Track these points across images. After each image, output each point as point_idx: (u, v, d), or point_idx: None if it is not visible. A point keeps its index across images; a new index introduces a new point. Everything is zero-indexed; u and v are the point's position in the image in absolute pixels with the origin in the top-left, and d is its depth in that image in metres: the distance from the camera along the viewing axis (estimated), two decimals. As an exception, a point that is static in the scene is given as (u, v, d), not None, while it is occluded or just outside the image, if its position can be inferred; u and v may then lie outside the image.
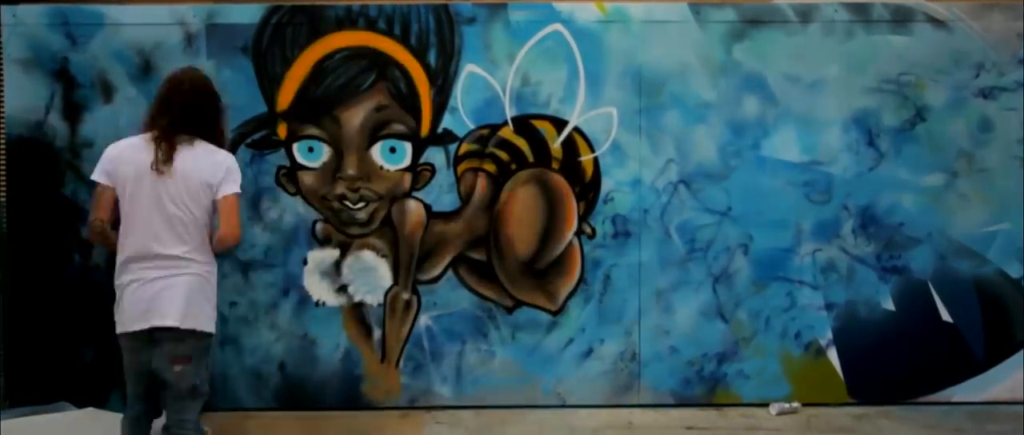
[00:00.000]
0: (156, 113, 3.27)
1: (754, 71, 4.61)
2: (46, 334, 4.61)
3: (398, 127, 4.57)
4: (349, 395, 4.69)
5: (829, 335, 4.70)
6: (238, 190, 3.28)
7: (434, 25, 4.53)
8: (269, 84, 4.54)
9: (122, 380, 4.62)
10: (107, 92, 4.55)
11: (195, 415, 3.26)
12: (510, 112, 4.60)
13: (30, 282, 4.60)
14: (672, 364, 4.71)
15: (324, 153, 4.58)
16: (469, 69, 4.56)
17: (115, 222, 3.30)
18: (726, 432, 4.38)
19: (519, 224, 4.64)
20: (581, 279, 4.67)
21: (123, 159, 3.23)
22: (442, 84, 4.56)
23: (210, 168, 3.22)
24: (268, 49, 4.53)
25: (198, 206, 3.19)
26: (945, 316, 4.70)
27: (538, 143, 4.61)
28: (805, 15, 4.61)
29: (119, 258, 3.23)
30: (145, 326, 3.15)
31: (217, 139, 3.34)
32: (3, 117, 4.60)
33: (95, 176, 3.26)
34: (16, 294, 4.60)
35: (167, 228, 3.15)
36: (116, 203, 3.24)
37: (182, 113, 3.20)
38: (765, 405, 4.67)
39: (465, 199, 4.62)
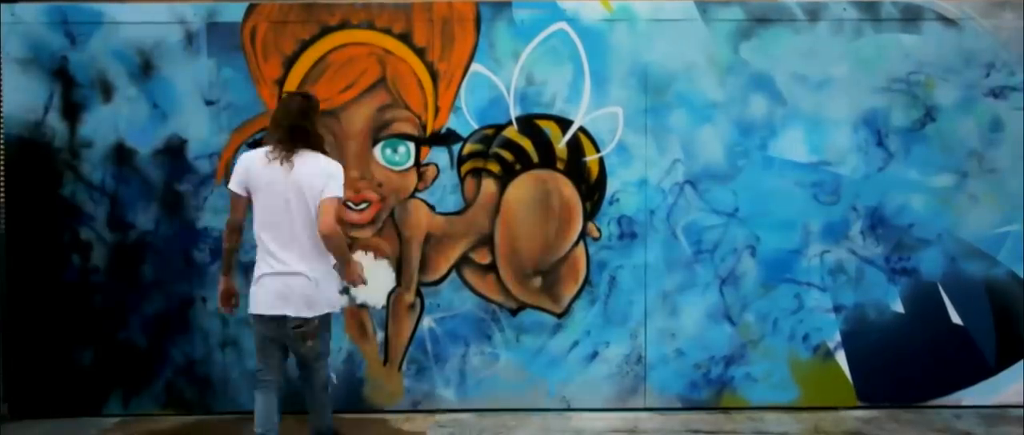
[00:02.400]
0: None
1: (761, 70, 4.55)
2: (44, 335, 4.57)
3: (401, 127, 4.52)
4: (352, 398, 4.65)
5: (838, 338, 4.65)
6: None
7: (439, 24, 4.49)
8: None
9: (121, 382, 4.61)
10: (107, 92, 4.50)
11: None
12: (514, 112, 4.55)
13: (29, 283, 4.55)
14: (679, 367, 4.66)
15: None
16: (473, 68, 4.51)
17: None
18: (733, 436, 4.34)
19: (523, 225, 4.59)
20: (586, 281, 4.62)
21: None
22: (446, 83, 4.51)
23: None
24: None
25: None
26: (955, 318, 4.64)
27: (543, 143, 4.56)
28: (813, 13, 4.55)
29: None
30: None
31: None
32: (1, 117, 4.55)
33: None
34: (14, 295, 4.56)
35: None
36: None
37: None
38: (773, 409, 4.62)
39: (469, 200, 4.57)
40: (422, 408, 4.67)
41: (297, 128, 3.50)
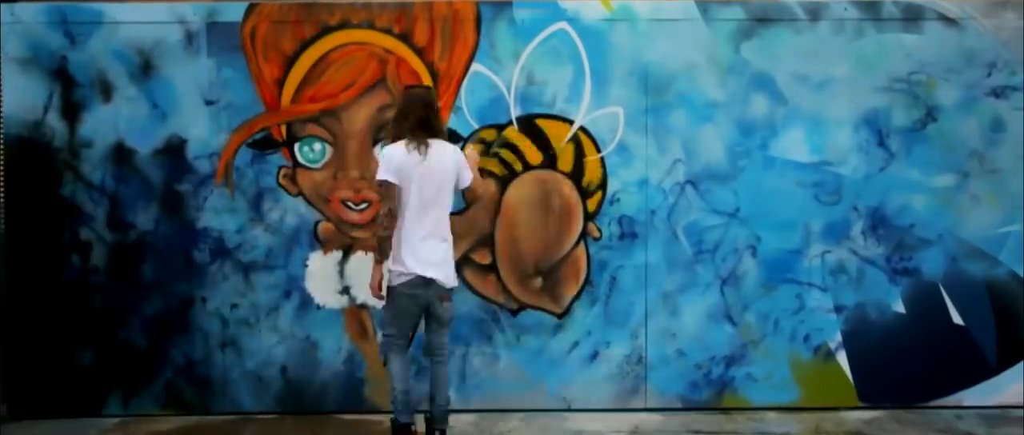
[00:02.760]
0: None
1: (762, 70, 4.55)
2: (44, 336, 4.56)
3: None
4: (351, 398, 4.64)
5: (839, 338, 4.64)
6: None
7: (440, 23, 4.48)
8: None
9: (120, 382, 4.60)
10: (106, 91, 4.50)
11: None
12: (515, 112, 4.54)
13: (28, 283, 4.54)
14: (679, 367, 4.65)
15: (326, 153, 4.53)
16: (474, 68, 4.50)
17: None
18: (734, 437, 4.33)
19: (524, 225, 4.58)
20: (587, 281, 4.61)
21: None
22: (446, 83, 4.50)
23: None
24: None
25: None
26: (956, 319, 4.64)
27: (543, 143, 4.55)
28: (814, 13, 4.54)
29: None
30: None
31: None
32: (1, 117, 4.54)
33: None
34: (14, 295, 4.55)
35: None
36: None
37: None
38: (774, 409, 4.61)
39: (469, 200, 4.56)
40: (422, 408, 4.65)
41: (426, 119, 3.84)
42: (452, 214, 4.53)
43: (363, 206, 4.55)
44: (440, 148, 3.85)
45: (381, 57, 4.48)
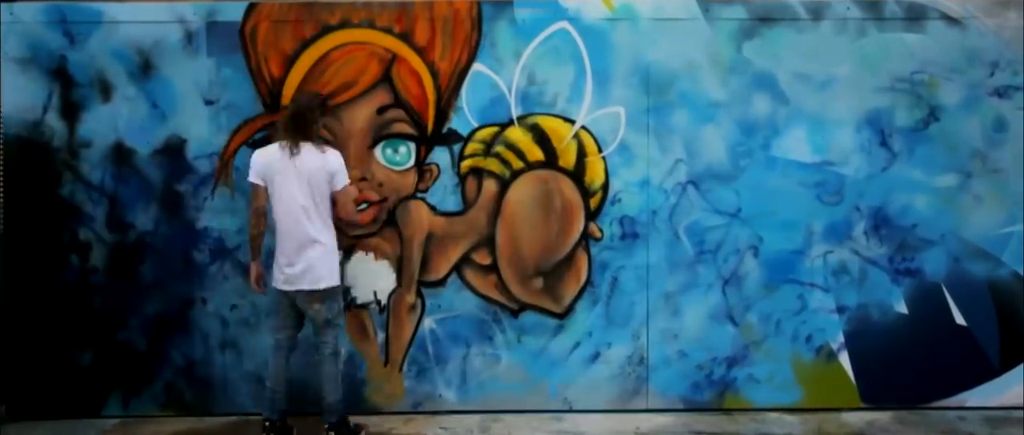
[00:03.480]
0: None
1: (764, 69, 4.53)
2: (43, 336, 4.54)
3: (401, 127, 4.50)
4: (352, 399, 4.60)
5: (841, 338, 4.63)
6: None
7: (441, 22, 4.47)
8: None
9: (120, 383, 4.59)
10: (106, 91, 4.48)
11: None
12: (516, 111, 4.52)
13: (27, 284, 4.53)
14: (681, 368, 4.64)
15: (326, 153, 4.51)
16: (474, 67, 4.48)
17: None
18: (736, 438, 4.31)
19: (525, 225, 4.56)
20: (588, 281, 4.60)
21: None
22: (447, 83, 4.49)
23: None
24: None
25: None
26: (959, 319, 4.62)
27: (544, 143, 4.54)
28: (816, 12, 4.53)
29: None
30: None
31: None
32: (0, 117, 4.52)
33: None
34: (13, 295, 4.53)
35: None
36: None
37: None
38: (776, 410, 4.59)
39: (470, 200, 4.55)
40: (423, 409, 4.64)
41: (298, 123, 4.00)
42: (453, 214, 4.54)
43: (363, 206, 4.54)
44: (310, 151, 3.98)
45: (381, 57, 4.46)
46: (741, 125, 4.54)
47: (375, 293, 4.59)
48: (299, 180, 3.95)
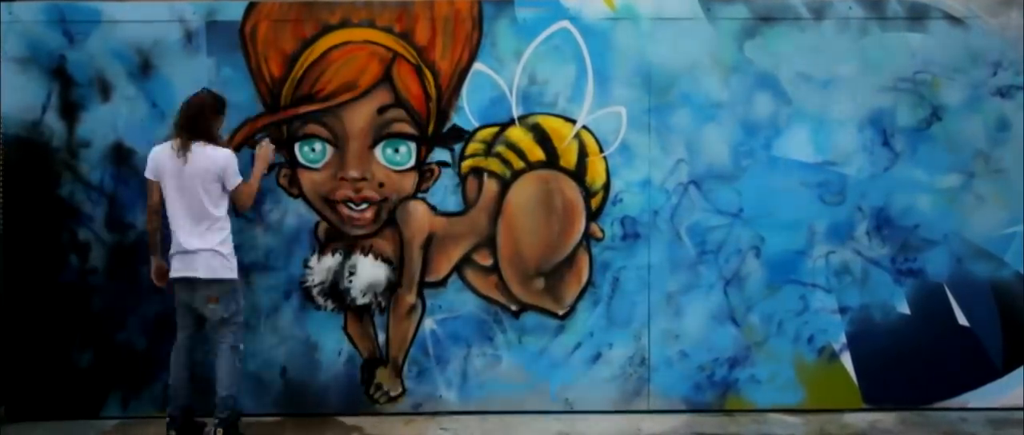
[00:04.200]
0: None
1: (766, 69, 4.52)
2: (42, 337, 4.53)
3: (402, 127, 4.48)
4: (352, 400, 4.60)
5: (843, 339, 4.61)
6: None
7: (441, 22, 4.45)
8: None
9: (119, 384, 4.57)
10: (105, 91, 4.47)
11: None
12: (517, 111, 4.51)
13: (26, 284, 4.51)
14: (682, 369, 4.62)
15: (326, 153, 4.50)
16: (475, 67, 4.47)
17: None
18: (738, 439, 4.30)
19: (526, 226, 4.55)
20: (589, 282, 4.58)
21: None
22: (447, 82, 4.48)
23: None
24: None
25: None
26: (961, 320, 4.60)
27: (545, 143, 4.52)
28: (818, 12, 4.51)
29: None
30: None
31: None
32: (-1, 116, 4.52)
33: None
34: (12, 296, 4.52)
35: None
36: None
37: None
38: (778, 411, 4.58)
39: (471, 200, 4.53)
40: (423, 410, 4.63)
41: (193, 122, 4.06)
42: (454, 214, 4.52)
43: (363, 206, 4.52)
44: (201, 151, 4.02)
45: (382, 56, 4.45)
46: (743, 125, 4.53)
47: (375, 293, 4.56)
48: (184, 181, 3.99)
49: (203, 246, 4.01)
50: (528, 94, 4.50)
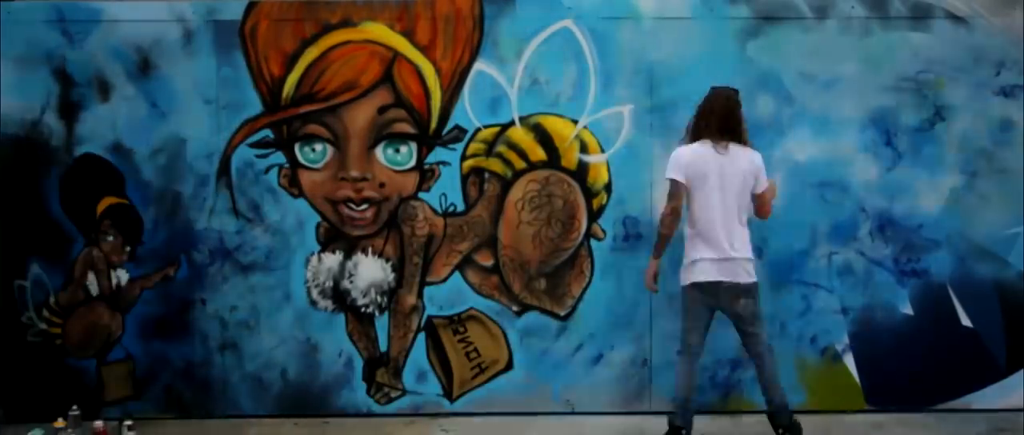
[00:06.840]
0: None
1: (768, 69, 4.50)
2: (41, 338, 4.51)
3: (403, 126, 4.47)
4: (351, 400, 4.58)
5: (846, 340, 4.59)
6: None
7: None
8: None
9: (119, 385, 4.54)
10: (104, 90, 4.46)
11: None
12: (518, 111, 4.49)
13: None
14: (684, 370, 4.59)
15: (327, 153, 4.48)
16: (476, 66, 4.45)
17: None
18: (741, 440, 4.28)
19: (527, 226, 4.53)
20: (591, 282, 4.56)
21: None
22: (448, 82, 4.46)
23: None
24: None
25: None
26: (965, 321, 4.58)
27: (547, 143, 4.50)
28: (821, 11, 4.50)
29: None
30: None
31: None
32: (-2, 116, 4.50)
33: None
34: (11, 296, 4.50)
35: None
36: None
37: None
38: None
39: (472, 200, 4.52)
40: (424, 411, 4.61)
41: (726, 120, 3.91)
42: (455, 214, 4.50)
43: (364, 206, 4.51)
44: (738, 150, 3.90)
45: (383, 56, 4.43)
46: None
47: (376, 294, 4.55)
48: (725, 181, 3.87)
49: (742, 253, 3.90)
50: (529, 93, 4.48)
